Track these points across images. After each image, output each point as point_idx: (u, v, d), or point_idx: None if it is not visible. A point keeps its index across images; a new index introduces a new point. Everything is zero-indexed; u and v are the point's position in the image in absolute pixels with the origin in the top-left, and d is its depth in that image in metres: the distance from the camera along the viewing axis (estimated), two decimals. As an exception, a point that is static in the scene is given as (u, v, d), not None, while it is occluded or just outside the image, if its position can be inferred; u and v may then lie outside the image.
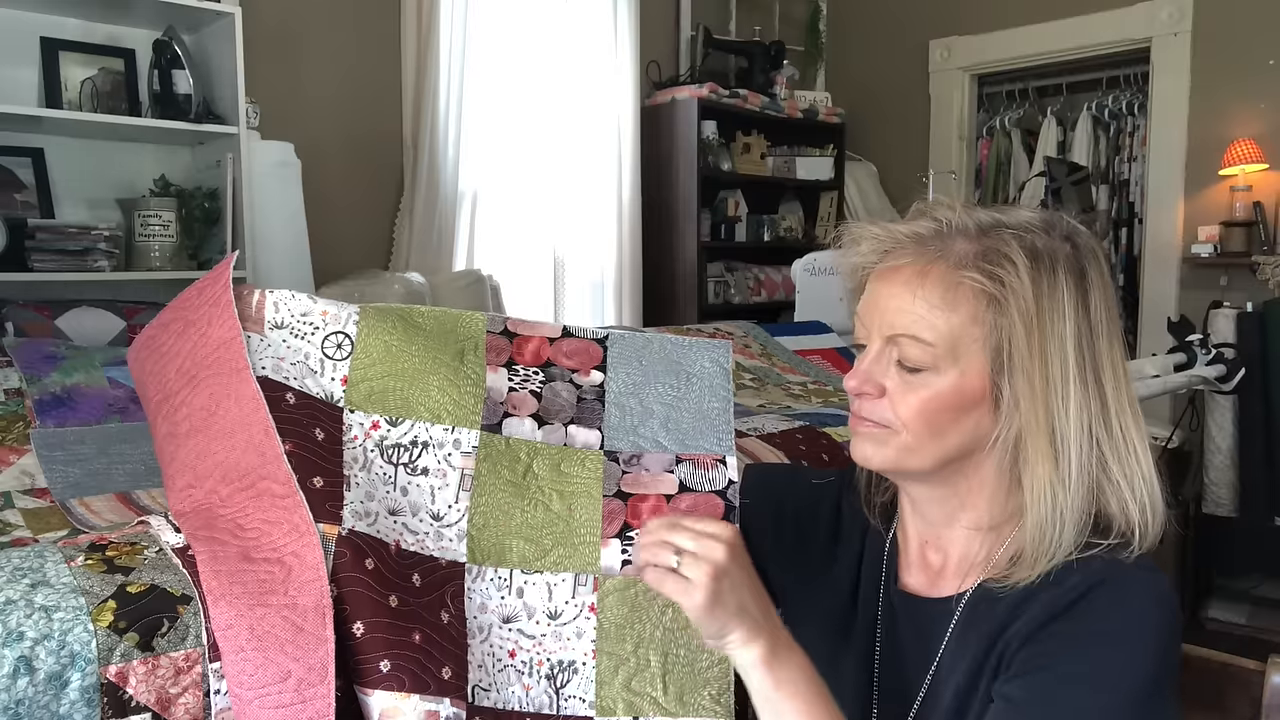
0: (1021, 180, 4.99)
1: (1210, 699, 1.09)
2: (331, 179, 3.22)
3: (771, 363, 2.46)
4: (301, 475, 0.86)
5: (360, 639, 0.81)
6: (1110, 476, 0.78)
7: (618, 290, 3.96)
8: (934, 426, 0.79)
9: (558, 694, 0.89)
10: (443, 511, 0.90)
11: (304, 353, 0.92)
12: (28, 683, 0.75)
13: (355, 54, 3.34)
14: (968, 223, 0.80)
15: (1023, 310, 0.76)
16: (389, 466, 0.90)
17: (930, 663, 0.83)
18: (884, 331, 0.81)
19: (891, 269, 0.81)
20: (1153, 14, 4.05)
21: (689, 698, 0.88)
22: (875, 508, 0.93)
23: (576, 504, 0.93)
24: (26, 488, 1.19)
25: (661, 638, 0.90)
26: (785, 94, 4.42)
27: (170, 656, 0.82)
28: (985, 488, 0.82)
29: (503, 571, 0.90)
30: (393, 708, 0.80)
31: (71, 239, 2.45)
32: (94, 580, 0.83)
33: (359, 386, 0.91)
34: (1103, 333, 0.79)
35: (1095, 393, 0.78)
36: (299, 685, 0.79)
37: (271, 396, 0.88)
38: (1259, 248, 3.80)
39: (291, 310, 0.93)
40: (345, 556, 0.83)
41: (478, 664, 0.87)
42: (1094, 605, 0.75)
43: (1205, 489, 3.56)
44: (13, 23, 2.55)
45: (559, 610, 0.90)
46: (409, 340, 0.94)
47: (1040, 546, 0.77)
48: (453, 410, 0.92)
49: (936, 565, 0.87)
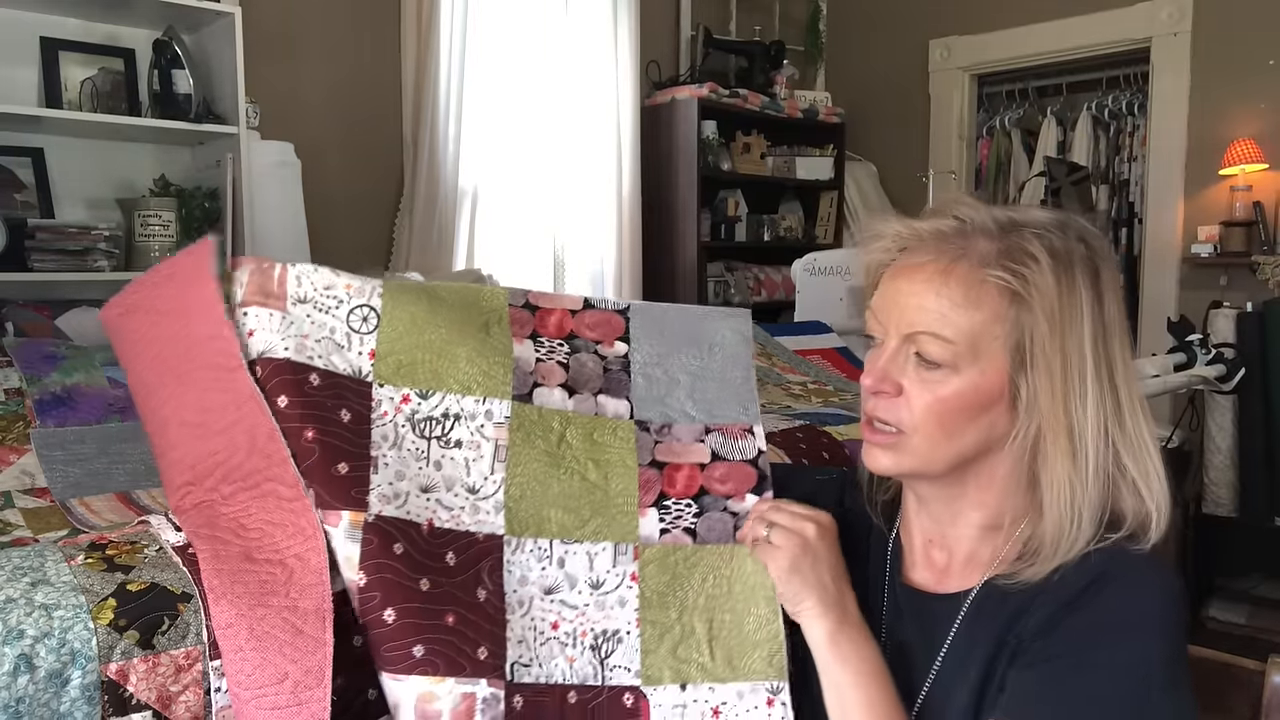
0: (1021, 180, 4.99)
1: (1210, 699, 1.10)
2: (331, 179, 3.22)
3: (771, 363, 2.45)
4: (324, 463, 0.83)
5: (392, 625, 0.80)
6: (1125, 473, 0.79)
7: (618, 290, 3.96)
8: (949, 427, 0.79)
9: (602, 664, 0.88)
10: (478, 484, 0.89)
11: (329, 327, 0.89)
12: (28, 680, 0.75)
13: (355, 54, 3.34)
14: (988, 221, 0.80)
15: (1046, 308, 0.77)
16: (421, 441, 0.88)
17: (935, 657, 0.84)
18: (903, 329, 0.81)
19: (912, 266, 0.81)
20: (1153, 14, 4.05)
21: (739, 661, 0.88)
22: (878, 506, 0.93)
23: (612, 473, 0.92)
24: (27, 487, 1.19)
25: (705, 604, 0.90)
26: (785, 94, 4.42)
27: (171, 654, 0.82)
28: (995, 486, 0.83)
29: (542, 541, 0.89)
30: (428, 692, 0.80)
31: (71, 239, 2.46)
32: (94, 579, 0.83)
33: (387, 360, 0.89)
34: (1116, 331, 0.79)
35: (1110, 390, 0.78)
36: (295, 688, 0.79)
37: (293, 380, 0.85)
38: (1259, 247, 3.80)
39: (314, 284, 0.90)
40: (372, 543, 0.82)
41: (517, 639, 0.86)
42: (1104, 597, 0.76)
43: (1205, 489, 3.56)
44: (13, 23, 2.55)
45: (601, 579, 0.90)
46: (434, 313, 0.92)
47: (1058, 543, 0.78)
48: (483, 381, 0.91)
49: (941, 563, 0.87)
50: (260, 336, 0.87)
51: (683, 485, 0.93)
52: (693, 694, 0.88)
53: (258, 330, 0.87)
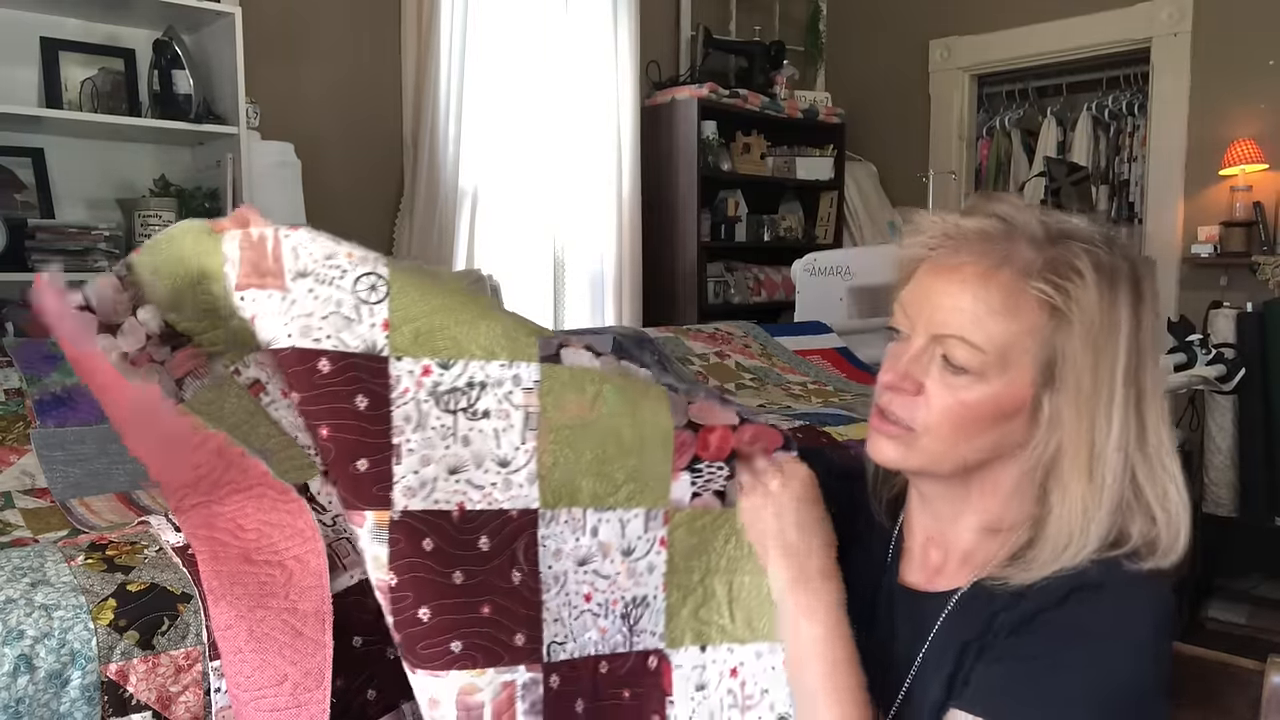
0: (1021, 180, 4.99)
1: (1210, 699, 1.10)
2: (331, 179, 3.22)
3: (771, 363, 2.46)
4: (342, 461, 0.79)
5: (428, 623, 0.79)
6: (1140, 495, 0.77)
7: (618, 290, 3.96)
8: (962, 432, 0.78)
9: (631, 631, 0.88)
10: (510, 455, 0.85)
11: (335, 300, 0.80)
12: (28, 681, 0.75)
13: (355, 54, 3.34)
14: (1035, 226, 0.78)
15: (1085, 328, 0.75)
16: (447, 416, 0.83)
17: (917, 655, 0.83)
18: (933, 328, 0.78)
19: (951, 266, 0.78)
20: (1153, 14, 4.05)
21: (757, 623, 0.88)
22: (882, 501, 0.93)
23: (648, 434, 0.88)
24: (27, 488, 1.19)
25: (726, 566, 0.90)
26: (785, 94, 4.42)
27: (170, 655, 0.82)
28: (1000, 492, 0.82)
29: (576, 511, 0.87)
30: (469, 685, 0.79)
31: (71, 239, 2.46)
32: (94, 579, 0.83)
33: (403, 329, 0.81)
34: (1149, 352, 0.78)
35: (1135, 415, 0.77)
36: (294, 689, 0.79)
37: (301, 371, 0.79)
38: (1259, 248, 3.80)
39: (314, 254, 0.80)
40: (400, 543, 0.79)
41: (554, 618, 0.85)
42: (1090, 604, 0.74)
43: (1205, 489, 3.56)
44: (13, 23, 2.55)
45: (632, 546, 0.88)
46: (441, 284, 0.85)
47: (1058, 555, 0.76)
48: (508, 345, 0.84)
49: (937, 562, 0.87)
50: (263, 324, 0.80)
51: (716, 447, 0.90)
52: (711, 655, 0.89)
53: (259, 315, 0.80)
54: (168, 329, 0.86)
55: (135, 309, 0.85)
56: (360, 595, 0.88)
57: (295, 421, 0.90)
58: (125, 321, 0.85)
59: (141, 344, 0.85)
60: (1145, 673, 0.72)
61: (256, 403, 0.89)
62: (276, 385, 0.90)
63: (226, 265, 0.81)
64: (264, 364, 0.91)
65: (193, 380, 0.88)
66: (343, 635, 0.85)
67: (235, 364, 0.89)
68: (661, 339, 2.37)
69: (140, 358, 0.85)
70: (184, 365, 0.88)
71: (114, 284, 0.85)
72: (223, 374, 0.88)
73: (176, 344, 0.87)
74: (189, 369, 0.88)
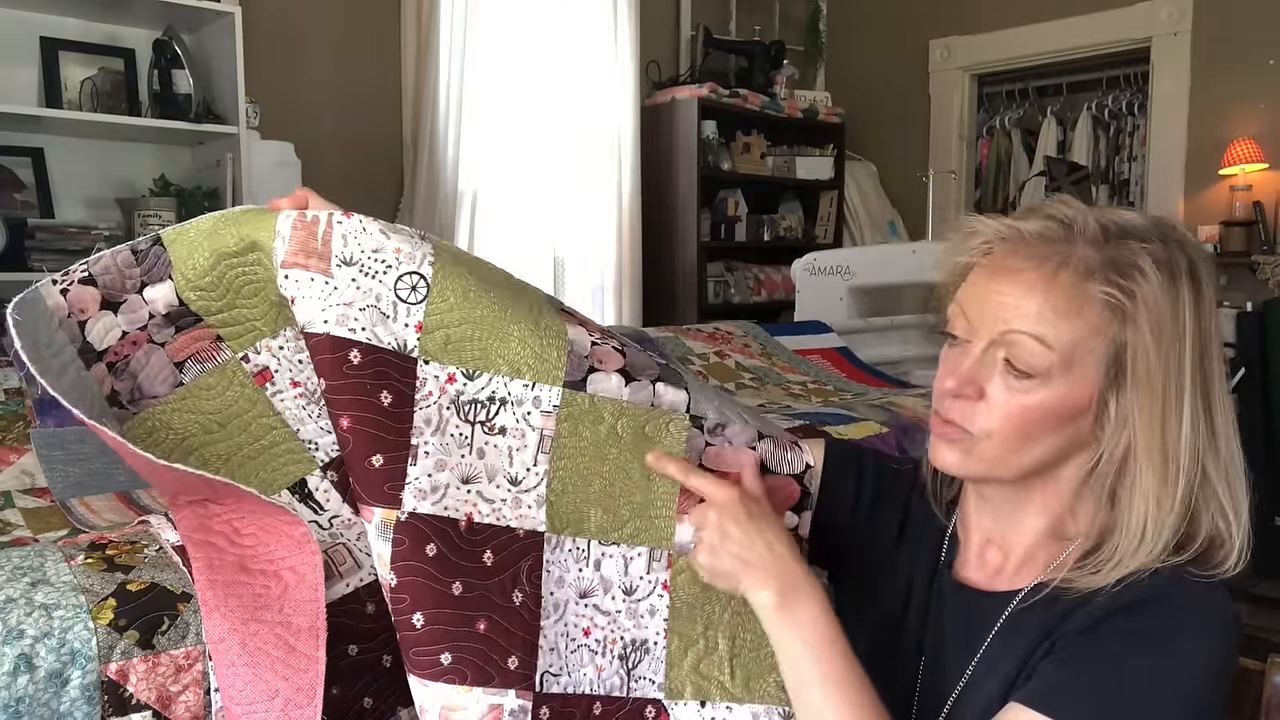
0: (1021, 180, 5.00)
1: (1210, 698, 1.09)
2: (331, 179, 3.22)
3: (771, 362, 2.46)
4: (359, 454, 0.79)
5: (420, 630, 0.78)
6: (1211, 497, 0.77)
7: (618, 290, 3.96)
8: (1025, 436, 0.77)
9: (629, 675, 0.87)
10: (521, 475, 0.84)
11: (375, 294, 0.80)
12: (28, 680, 0.75)
13: (355, 54, 3.34)
14: (1093, 226, 0.78)
15: (1151, 325, 0.74)
16: (465, 425, 0.83)
17: (974, 654, 0.83)
18: (996, 329, 0.77)
19: (1012, 268, 0.77)
20: (1153, 14, 4.05)
21: (755, 683, 0.87)
22: (941, 501, 0.92)
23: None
24: (26, 487, 1.19)
25: (730, 620, 0.88)
26: (785, 94, 4.42)
27: (171, 654, 0.81)
28: (1064, 494, 0.81)
29: (580, 542, 0.86)
30: (455, 702, 0.78)
31: (71, 239, 2.46)
32: (94, 578, 0.83)
33: (435, 334, 0.81)
34: (1214, 348, 0.77)
35: (1205, 411, 0.76)
36: (286, 705, 0.78)
37: (332, 359, 0.78)
38: (1259, 247, 3.80)
39: (362, 245, 0.80)
40: (404, 544, 0.79)
41: (549, 647, 0.84)
42: (1155, 609, 0.74)
43: (1205, 489, 3.55)
44: (13, 23, 2.55)
45: (634, 585, 0.87)
46: (485, 288, 0.85)
47: (1128, 557, 0.76)
48: (534, 365, 0.84)
49: (996, 563, 0.86)
50: (302, 306, 0.79)
51: None
52: (710, 712, 0.87)
53: (299, 298, 0.79)
54: (180, 308, 0.84)
55: (144, 287, 0.83)
56: (356, 604, 0.88)
57: (299, 414, 0.89)
58: (128, 299, 0.83)
59: (142, 323, 0.84)
60: (1210, 683, 0.72)
61: (260, 391, 0.88)
62: (285, 375, 0.89)
63: (276, 240, 0.80)
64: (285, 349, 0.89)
65: (194, 364, 0.86)
66: (339, 644, 0.84)
67: (245, 350, 0.88)
68: (661, 339, 2.37)
69: (139, 337, 0.84)
70: (188, 348, 0.86)
71: (127, 258, 0.83)
72: (229, 359, 0.88)
73: (182, 325, 0.85)
74: (192, 351, 0.86)
